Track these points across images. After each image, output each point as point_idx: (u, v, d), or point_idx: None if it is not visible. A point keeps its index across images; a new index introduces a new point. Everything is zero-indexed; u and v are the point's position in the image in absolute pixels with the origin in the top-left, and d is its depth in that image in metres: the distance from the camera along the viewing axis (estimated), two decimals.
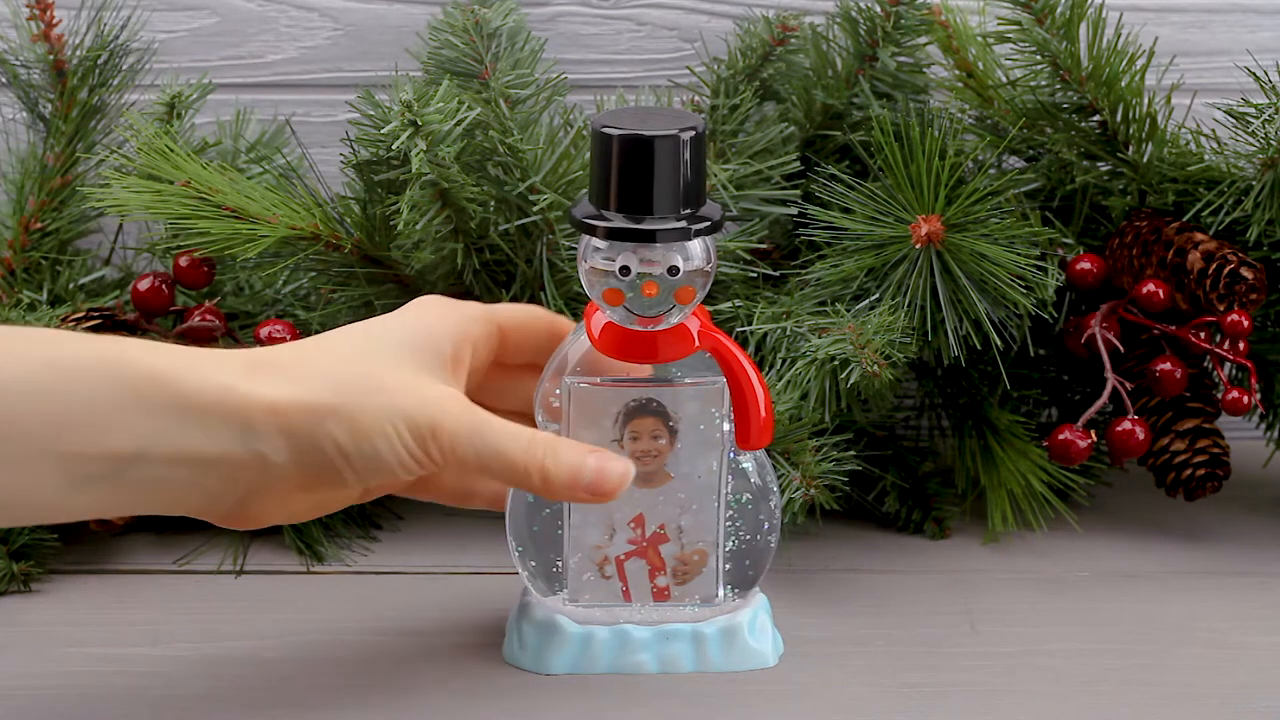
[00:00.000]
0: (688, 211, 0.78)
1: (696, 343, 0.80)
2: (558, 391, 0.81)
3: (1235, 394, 0.95)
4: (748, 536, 0.83)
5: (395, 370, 0.77)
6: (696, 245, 0.79)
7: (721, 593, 0.83)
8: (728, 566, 0.83)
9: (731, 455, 0.82)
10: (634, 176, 0.77)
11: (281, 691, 0.81)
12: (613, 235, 0.78)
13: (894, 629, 0.88)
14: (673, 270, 0.78)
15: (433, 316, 0.80)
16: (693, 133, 0.77)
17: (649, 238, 0.78)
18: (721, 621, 0.83)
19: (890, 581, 0.93)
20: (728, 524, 0.83)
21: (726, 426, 0.81)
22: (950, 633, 0.88)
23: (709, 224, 0.78)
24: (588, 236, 0.79)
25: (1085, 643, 0.87)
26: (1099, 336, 0.96)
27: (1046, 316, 0.96)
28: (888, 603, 0.91)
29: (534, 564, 0.83)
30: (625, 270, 0.78)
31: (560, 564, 0.83)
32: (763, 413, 0.80)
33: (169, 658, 0.84)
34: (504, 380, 0.84)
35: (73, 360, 0.73)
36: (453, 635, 0.87)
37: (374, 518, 0.99)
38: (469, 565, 0.94)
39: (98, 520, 0.95)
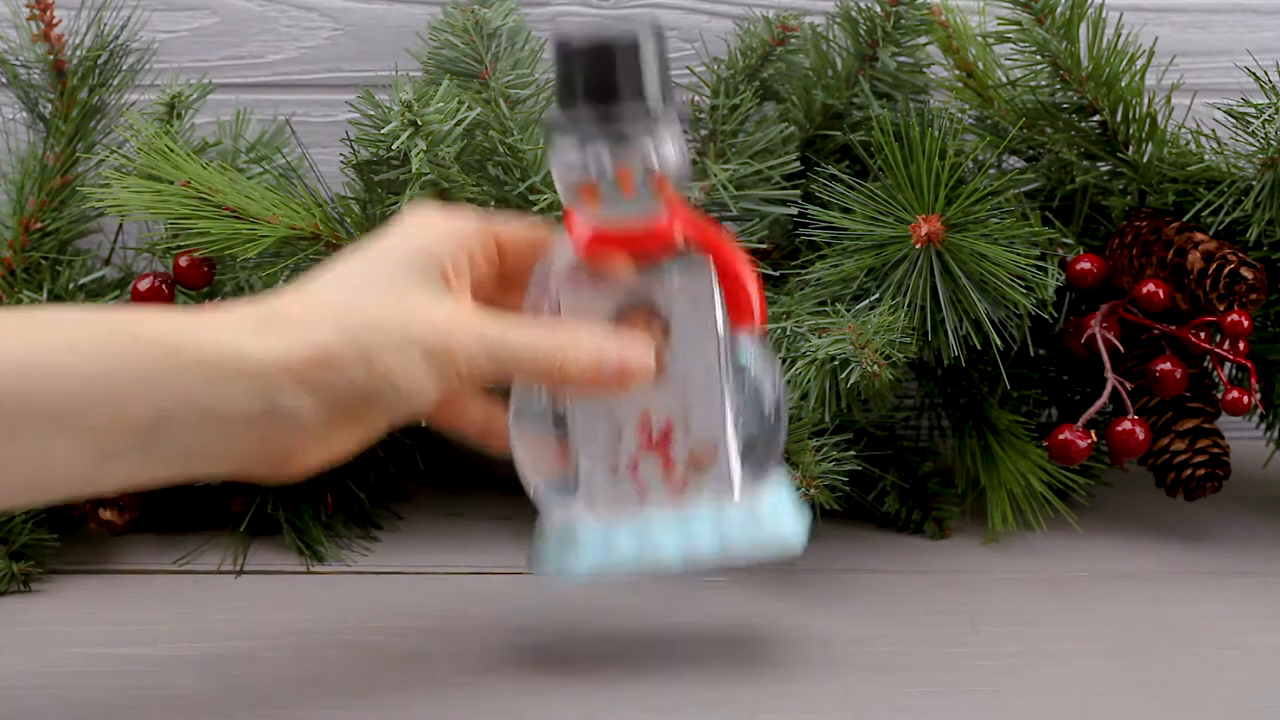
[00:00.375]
0: (656, 105, 0.77)
1: (679, 235, 0.80)
2: (545, 300, 0.80)
3: (1235, 394, 0.95)
4: (756, 420, 0.82)
5: (400, 297, 0.77)
6: (668, 137, 0.78)
7: (737, 480, 0.82)
8: (740, 454, 0.82)
9: (729, 344, 0.82)
10: (600, 74, 0.76)
11: (281, 691, 0.81)
12: (584, 133, 0.77)
13: (894, 629, 0.88)
14: (647, 166, 0.78)
15: (429, 229, 0.79)
16: (653, 30, 0.76)
17: (621, 132, 0.77)
18: (742, 506, 0.82)
19: (890, 581, 0.93)
20: (734, 412, 0.82)
21: (720, 316, 0.81)
22: (950, 633, 0.88)
23: (677, 115, 0.78)
24: (559, 138, 0.78)
25: (1085, 643, 0.87)
26: (1099, 336, 0.96)
27: (1046, 316, 0.96)
28: (888, 603, 0.91)
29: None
30: (600, 169, 0.78)
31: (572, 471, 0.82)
32: (754, 292, 0.80)
33: (169, 658, 0.84)
34: (503, 300, 0.83)
35: (90, 338, 0.73)
36: (453, 635, 0.87)
37: (374, 518, 0.99)
38: (469, 565, 0.94)
39: (97, 520, 0.95)
